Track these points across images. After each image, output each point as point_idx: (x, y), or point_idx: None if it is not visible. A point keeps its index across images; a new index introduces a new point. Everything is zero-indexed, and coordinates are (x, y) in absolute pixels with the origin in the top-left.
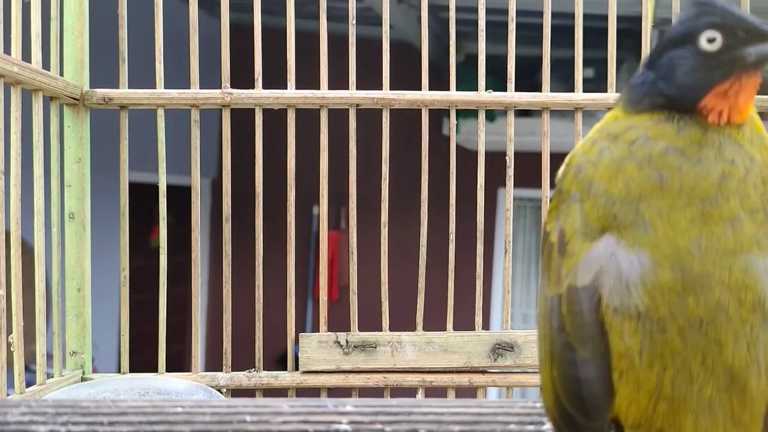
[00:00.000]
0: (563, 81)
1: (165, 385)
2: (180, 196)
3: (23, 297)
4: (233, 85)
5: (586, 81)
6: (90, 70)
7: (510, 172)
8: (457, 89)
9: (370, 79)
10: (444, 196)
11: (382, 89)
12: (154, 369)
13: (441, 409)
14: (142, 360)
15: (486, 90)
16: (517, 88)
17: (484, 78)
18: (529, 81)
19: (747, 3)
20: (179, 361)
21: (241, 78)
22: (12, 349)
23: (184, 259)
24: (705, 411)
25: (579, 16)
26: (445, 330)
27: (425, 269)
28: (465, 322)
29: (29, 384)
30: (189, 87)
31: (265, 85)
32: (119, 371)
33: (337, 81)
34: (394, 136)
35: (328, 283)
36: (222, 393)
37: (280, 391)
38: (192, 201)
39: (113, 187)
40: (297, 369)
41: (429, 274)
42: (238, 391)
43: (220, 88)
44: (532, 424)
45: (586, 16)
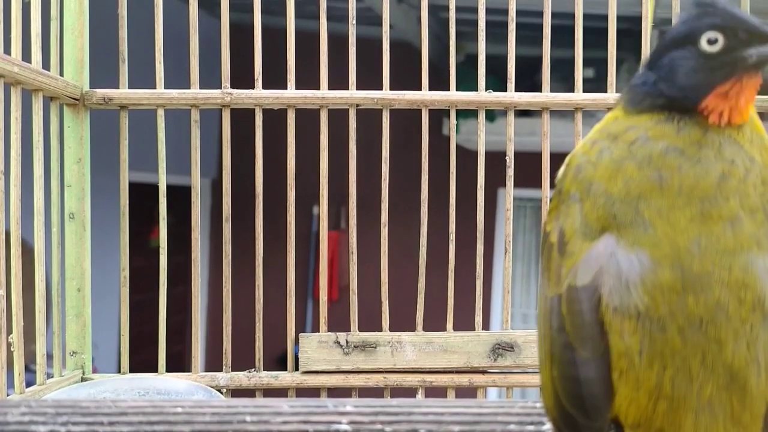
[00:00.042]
0: (563, 81)
1: (165, 385)
2: (180, 196)
3: (23, 297)
4: (233, 85)
5: (586, 81)
6: (90, 70)
7: (510, 172)
8: (457, 89)
9: (370, 79)
10: (444, 196)
11: (382, 89)
12: (154, 369)
13: (441, 409)
14: (142, 360)
15: (486, 90)
16: (517, 88)
17: (484, 78)
18: (529, 81)
19: (747, 3)
20: (179, 361)
21: (241, 78)
22: (12, 349)
23: (184, 259)
24: (705, 410)
25: (579, 16)
26: (445, 330)
27: (425, 269)
28: (465, 322)
29: (29, 384)
30: (189, 87)
31: (265, 85)
32: (119, 371)
33: (337, 81)
34: (394, 136)
35: (328, 283)
36: (222, 393)
37: (280, 391)
38: (192, 201)
39: (113, 187)
40: (297, 369)
41: (429, 274)
42: (238, 391)
43: (220, 88)
44: (532, 424)
45: (586, 16)
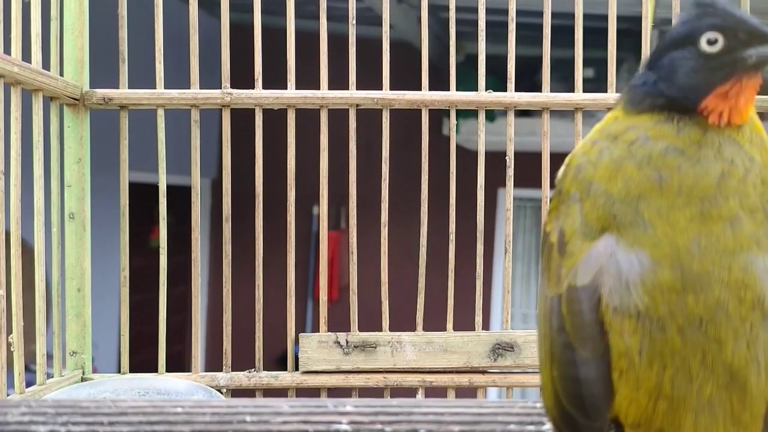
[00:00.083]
0: (563, 81)
1: (165, 385)
2: (180, 196)
3: (23, 297)
4: (233, 85)
5: (586, 81)
6: (90, 70)
7: (510, 172)
8: (457, 89)
9: (370, 79)
10: (444, 196)
11: (382, 89)
12: (154, 369)
13: (441, 409)
14: (142, 360)
15: (486, 90)
16: (517, 88)
17: (484, 78)
18: (529, 81)
19: (747, 3)
20: (179, 361)
21: (241, 78)
22: (12, 349)
23: (184, 259)
24: (705, 410)
25: (579, 16)
26: (445, 330)
27: (425, 269)
28: (465, 322)
29: (29, 384)
30: (189, 87)
31: (265, 85)
32: (119, 371)
33: (337, 81)
34: (394, 136)
35: (328, 283)
36: (222, 393)
37: (280, 391)
38: (192, 201)
39: (113, 187)
40: (297, 369)
41: (429, 274)
42: (238, 391)
43: (220, 88)
44: (532, 424)
45: (586, 16)
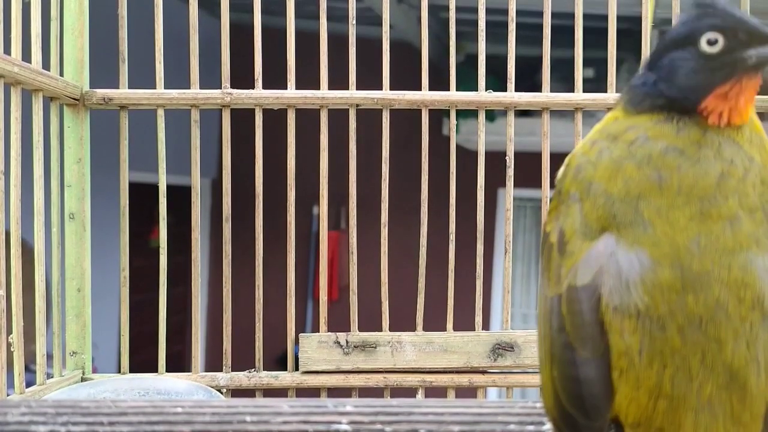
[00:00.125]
0: (563, 81)
1: (165, 386)
2: (180, 196)
3: (23, 297)
4: (233, 85)
5: (586, 81)
6: (90, 70)
7: (510, 172)
8: (457, 89)
9: (370, 79)
10: (444, 196)
11: (382, 89)
12: (154, 369)
13: (441, 409)
14: (142, 360)
15: (486, 90)
16: (517, 88)
17: (484, 78)
18: (529, 81)
19: (747, 4)
20: (179, 361)
21: (241, 78)
22: (12, 349)
23: (184, 259)
24: (705, 409)
25: (579, 16)
26: (445, 330)
27: (425, 269)
28: (465, 322)
29: (29, 384)
30: (189, 87)
31: (265, 85)
32: (119, 371)
33: (337, 81)
34: (394, 136)
35: (328, 283)
36: (222, 393)
37: (280, 391)
38: (192, 201)
39: (113, 187)
40: (297, 369)
41: (429, 274)
42: (238, 391)
43: (220, 88)
44: (532, 424)
45: (586, 16)
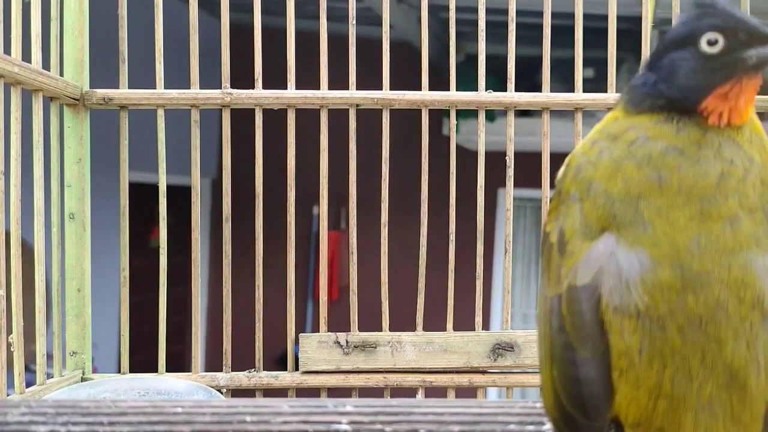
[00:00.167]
0: (563, 81)
1: (165, 386)
2: (180, 196)
3: (23, 297)
4: (233, 85)
5: (586, 81)
6: (90, 70)
7: (510, 172)
8: (457, 89)
9: (370, 79)
10: (444, 196)
11: (382, 89)
12: (154, 369)
13: (441, 409)
14: (142, 360)
15: (486, 90)
16: (517, 88)
17: (484, 78)
18: (529, 81)
19: (747, 4)
20: (179, 361)
21: (241, 78)
22: (12, 349)
23: (184, 259)
24: (705, 409)
25: (579, 16)
26: (445, 330)
27: (425, 269)
28: (465, 322)
29: (29, 384)
30: (189, 87)
31: (265, 85)
32: (119, 371)
33: (337, 81)
34: (394, 136)
35: (328, 283)
36: (222, 393)
37: (280, 391)
38: (192, 201)
39: (113, 187)
40: (297, 369)
41: (429, 274)
42: (238, 391)
43: (220, 88)
44: (532, 424)
45: (586, 16)
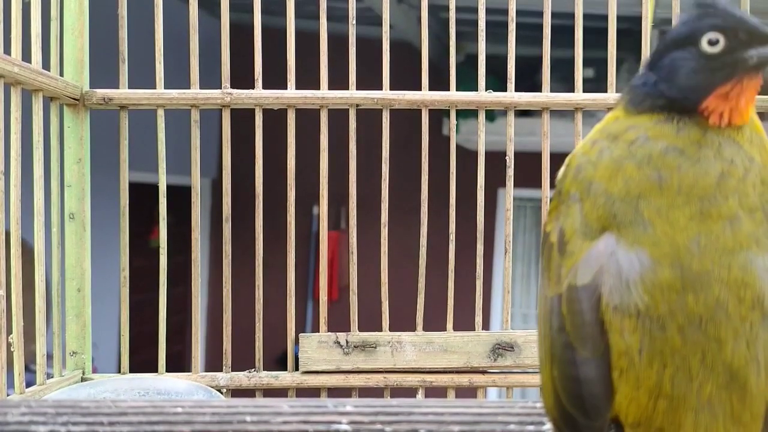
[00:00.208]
0: (563, 81)
1: (165, 386)
2: (180, 196)
3: (23, 297)
4: (233, 85)
5: (586, 81)
6: (90, 70)
7: (510, 172)
8: (457, 89)
9: (370, 79)
10: (444, 196)
11: (382, 89)
12: (154, 369)
13: (441, 409)
14: (142, 360)
15: (486, 90)
16: (517, 88)
17: (484, 78)
18: (529, 81)
19: (747, 4)
20: (179, 361)
21: (241, 78)
22: (12, 349)
23: (184, 259)
24: (705, 409)
25: (579, 16)
26: (445, 330)
27: (425, 269)
28: (465, 322)
29: (29, 384)
30: (189, 87)
31: (265, 85)
32: (119, 371)
33: (337, 81)
34: (394, 136)
35: (328, 283)
36: (222, 393)
37: (280, 391)
38: (192, 201)
39: (113, 187)
40: (297, 369)
41: (429, 274)
42: (238, 391)
43: (220, 88)
44: (532, 424)
45: (586, 16)
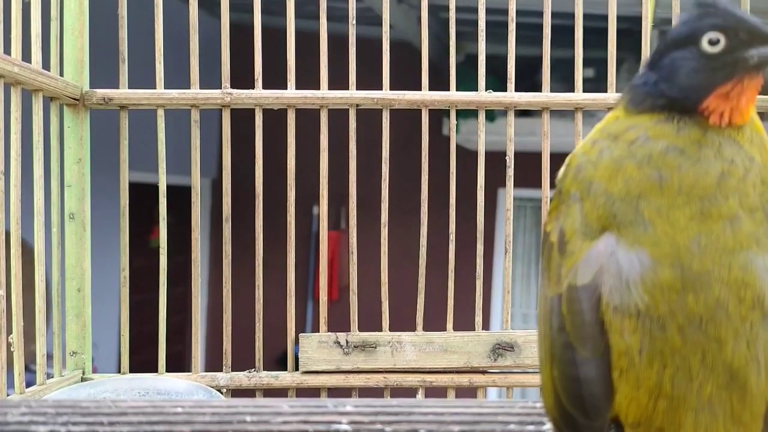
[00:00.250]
0: (563, 81)
1: (165, 386)
2: (180, 196)
3: (23, 297)
4: (233, 85)
5: (586, 81)
6: (90, 70)
7: (510, 172)
8: (457, 89)
9: (370, 79)
10: (444, 196)
11: (382, 89)
12: (154, 369)
13: (441, 409)
14: (142, 360)
15: (486, 90)
16: (517, 88)
17: (484, 78)
18: (529, 81)
19: (747, 3)
20: (179, 361)
21: (241, 78)
22: (12, 349)
23: (184, 259)
24: (705, 409)
25: (579, 16)
26: (445, 330)
27: (425, 269)
28: (465, 322)
29: (29, 384)
30: (189, 87)
31: (265, 85)
32: (119, 371)
33: (337, 81)
34: (394, 136)
35: (328, 283)
36: (222, 393)
37: (280, 391)
38: (192, 201)
39: (113, 187)
40: (297, 369)
41: (429, 274)
42: (238, 391)
43: (220, 88)
44: (532, 424)
45: (586, 16)
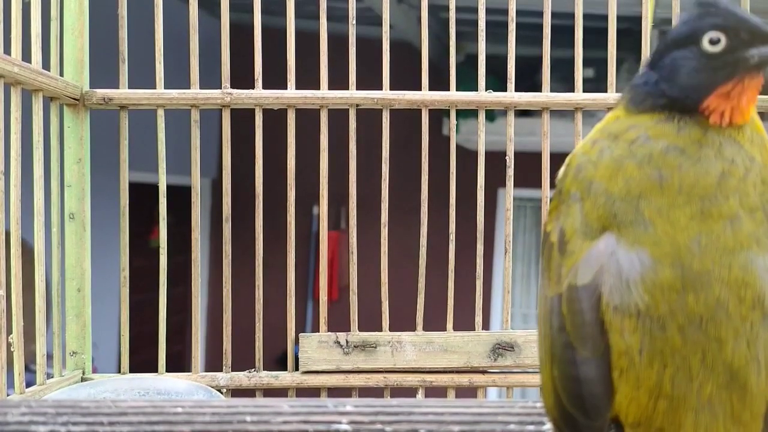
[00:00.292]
0: (563, 81)
1: (165, 386)
2: (180, 196)
3: (23, 297)
4: (233, 85)
5: (586, 81)
6: (90, 70)
7: (510, 172)
8: (457, 89)
9: (370, 79)
10: (444, 196)
11: (382, 89)
12: (154, 369)
13: (441, 409)
14: (142, 360)
15: (486, 90)
16: (517, 88)
17: (484, 78)
18: (529, 81)
19: (748, 3)
20: (179, 361)
21: (241, 78)
22: (12, 349)
23: (184, 259)
24: (705, 409)
25: (579, 16)
26: (445, 330)
27: (425, 269)
28: (465, 322)
29: (29, 384)
30: (189, 87)
31: (265, 85)
32: (119, 371)
33: (337, 81)
34: (394, 136)
35: (328, 283)
36: (222, 393)
37: (280, 391)
38: (192, 201)
39: (113, 187)
40: (297, 369)
41: (429, 274)
42: (238, 391)
43: (220, 88)
44: (533, 424)
45: (586, 16)
